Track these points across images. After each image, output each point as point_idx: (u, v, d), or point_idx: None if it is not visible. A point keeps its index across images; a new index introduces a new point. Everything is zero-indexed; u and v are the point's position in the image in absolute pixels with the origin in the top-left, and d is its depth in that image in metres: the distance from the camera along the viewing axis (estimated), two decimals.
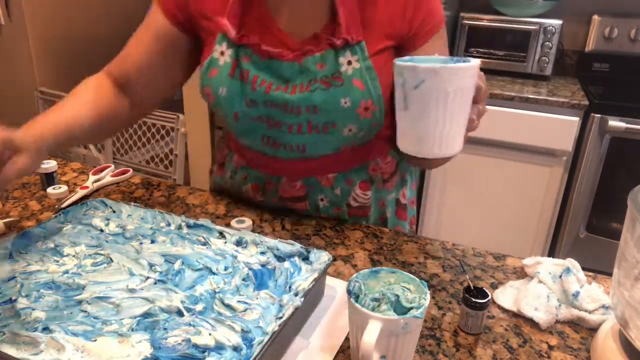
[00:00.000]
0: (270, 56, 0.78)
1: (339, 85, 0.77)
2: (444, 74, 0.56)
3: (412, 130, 0.61)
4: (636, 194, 0.55)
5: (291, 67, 0.78)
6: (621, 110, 1.85)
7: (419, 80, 0.56)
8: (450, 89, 0.56)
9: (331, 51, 0.77)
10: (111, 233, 0.78)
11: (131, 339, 0.56)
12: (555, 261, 0.77)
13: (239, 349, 0.55)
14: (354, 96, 0.78)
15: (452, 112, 0.58)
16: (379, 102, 0.79)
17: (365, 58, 0.77)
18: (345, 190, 0.91)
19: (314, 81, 0.78)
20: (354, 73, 0.77)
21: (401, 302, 0.59)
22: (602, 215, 2.01)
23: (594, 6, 2.28)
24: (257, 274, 0.68)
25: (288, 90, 0.79)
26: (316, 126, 0.81)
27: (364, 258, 0.82)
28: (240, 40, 0.79)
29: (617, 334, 0.61)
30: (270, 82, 0.79)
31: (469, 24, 2.19)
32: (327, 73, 0.78)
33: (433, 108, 0.57)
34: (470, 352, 0.63)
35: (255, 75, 0.79)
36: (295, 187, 0.90)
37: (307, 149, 0.84)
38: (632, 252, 0.53)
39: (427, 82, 0.56)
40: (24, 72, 2.61)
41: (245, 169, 0.95)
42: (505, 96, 1.93)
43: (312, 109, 0.79)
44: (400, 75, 0.58)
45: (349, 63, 0.77)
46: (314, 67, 0.78)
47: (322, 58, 0.77)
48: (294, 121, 0.81)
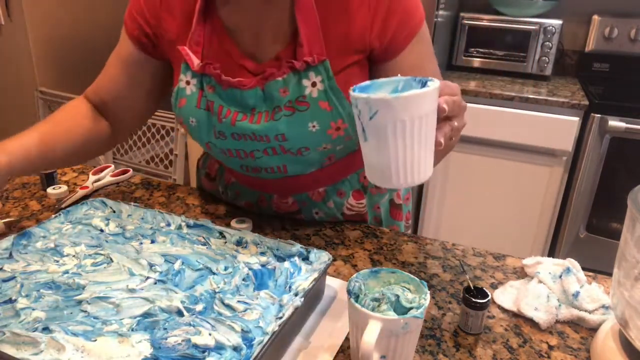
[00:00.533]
0: (231, 86, 0.75)
1: (304, 109, 0.73)
2: (396, 104, 0.52)
3: (375, 162, 0.57)
4: (636, 194, 0.55)
5: (254, 94, 0.74)
6: (621, 110, 1.85)
7: (372, 112, 0.53)
8: (406, 117, 0.52)
9: (293, 75, 0.72)
10: (111, 233, 0.78)
11: (131, 339, 0.56)
12: (555, 261, 0.77)
13: (239, 349, 0.55)
14: (321, 119, 0.74)
15: (412, 140, 0.54)
16: (349, 120, 0.75)
17: (330, 78, 0.72)
18: (338, 202, 0.90)
19: (278, 109, 0.74)
20: (319, 95, 0.73)
21: (401, 302, 0.59)
22: (602, 215, 2.01)
23: (594, 6, 2.28)
24: (257, 274, 0.68)
25: (253, 120, 0.75)
26: (289, 150, 0.78)
27: (364, 258, 0.82)
28: (202, 69, 0.75)
29: (617, 334, 0.61)
30: (235, 112, 0.76)
31: (469, 24, 2.19)
32: (291, 98, 0.73)
33: (391, 139, 0.54)
34: (470, 352, 0.63)
35: (220, 106, 0.76)
36: (287, 203, 0.90)
37: (288, 168, 0.82)
38: (632, 252, 0.53)
39: (380, 113, 0.52)
40: (24, 72, 2.61)
41: (237, 186, 0.94)
42: (505, 96, 1.93)
43: (280, 137, 0.75)
44: (355, 107, 0.55)
45: (313, 85, 0.73)
46: (277, 94, 0.73)
47: (285, 82, 0.73)
48: (265, 146, 0.78)
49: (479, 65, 2.23)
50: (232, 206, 0.96)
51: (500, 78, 2.19)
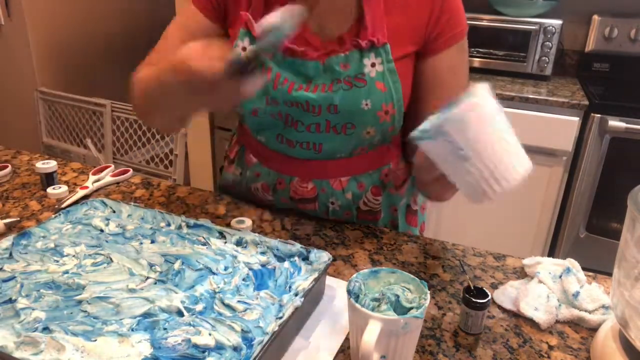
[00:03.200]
0: (294, 54, 0.78)
1: (362, 86, 0.77)
2: (481, 102, 0.55)
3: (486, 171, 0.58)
4: (636, 194, 0.55)
5: (314, 66, 0.78)
6: (621, 110, 1.85)
7: (465, 122, 0.56)
8: (494, 109, 0.56)
9: (356, 52, 0.77)
10: (111, 233, 0.78)
11: (131, 339, 0.56)
12: (555, 261, 0.77)
13: (239, 349, 0.55)
14: (375, 98, 0.77)
15: (508, 130, 0.58)
16: (398, 105, 0.79)
17: (389, 61, 0.77)
18: (357, 194, 0.90)
19: (337, 81, 0.78)
20: (377, 76, 0.77)
21: (401, 302, 0.59)
22: (602, 215, 2.01)
23: (594, 6, 2.28)
24: (257, 274, 0.69)
25: (310, 89, 0.78)
26: (335, 126, 0.81)
27: (364, 258, 0.82)
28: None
29: (617, 334, 0.61)
30: (292, 81, 0.79)
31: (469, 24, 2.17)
32: (351, 74, 0.77)
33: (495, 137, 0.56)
34: (470, 352, 0.63)
35: (278, 73, 0.78)
36: (306, 188, 0.90)
37: (323, 148, 0.84)
38: (632, 252, 0.53)
39: (473, 115, 0.55)
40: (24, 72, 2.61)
41: (258, 167, 0.94)
42: (505, 96, 1.93)
43: (332, 108, 0.78)
44: (442, 135, 0.57)
45: (372, 65, 0.77)
46: (338, 67, 0.77)
47: (347, 59, 0.77)
48: (312, 120, 0.80)
49: (479, 65, 2.23)
50: (232, 206, 0.96)
51: (500, 78, 2.18)
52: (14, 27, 2.55)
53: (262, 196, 0.95)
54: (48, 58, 2.64)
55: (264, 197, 0.95)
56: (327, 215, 0.93)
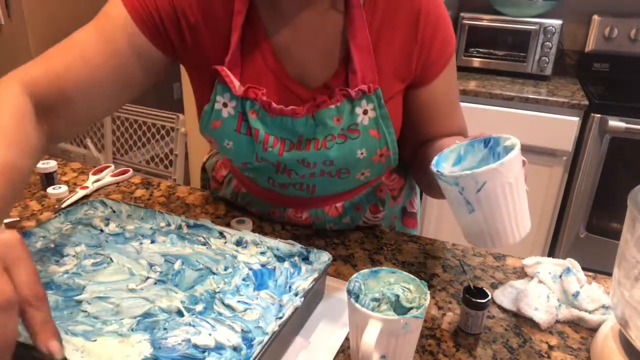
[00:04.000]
0: (281, 113, 0.71)
1: (356, 137, 0.72)
2: (503, 170, 0.55)
3: (483, 229, 0.59)
4: (636, 194, 0.55)
5: (305, 122, 0.72)
6: (621, 110, 1.85)
7: (480, 184, 0.56)
8: (512, 178, 0.56)
9: (347, 102, 0.71)
10: (111, 233, 0.78)
11: (131, 339, 0.56)
12: (555, 261, 0.77)
13: (239, 349, 0.55)
14: (369, 146, 0.73)
15: (519, 196, 0.57)
16: (393, 147, 0.75)
17: (381, 106, 0.72)
18: (355, 217, 0.88)
19: (332, 137, 0.72)
20: (370, 123, 0.72)
21: (401, 302, 0.59)
22: (602, 215, 2.01)
23: (594, 6, 2.28)
24: (257, 274, 0.68)
25: (302, 148, 0.73)
26: (329, 172, 0.77)
27: (364, 258, 0.82)
28: (245, 93, 0.71)
29: (617, 334, 0.61)
30: (282, 140, 0.73)
31: (469, 24, 2.19)
32: (344, 126, 0.72)
33: (502, 202, 0.56)
34: (470, 352, 0.63)
35: (266, 134, 0.72)
36: (301, 217, 0.88)
37: (316, 189, 0.82)
38: (632, 252, 0.53)
39: (489, 182, 0.55)
40: None
41: (248, 196, 0.91)
42: (505, 96, 1.93)
43: (328, 162, 0.74)
44: (456, 185, 0.57)
45: (364, 112, 0.72)
46: (331, 122, 0.71)
47: (338, 110, 0.71)
48: (307, 171, 0.77)
49: (479, 65, 2.23)
50: (232, 206, 0.96)
51: (500, 78, 2.18)
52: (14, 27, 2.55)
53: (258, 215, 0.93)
54: None
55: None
56: None
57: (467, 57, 2.23)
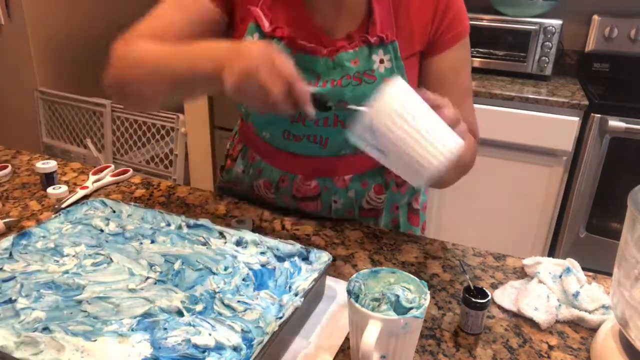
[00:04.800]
0: (303, 50, 0.78)
1: (371, 82, 0.78)
2: (380, 105, 0.56)
3: (406, 164, 0.60)
4: (636, 194, 0.55)
5: (324, 62, 0.78)
6: (621, 110, 1.85)
7: (372, 126, 0.57)
8: (396, 106, 0.57)
9: (365, 48, 0.77)
10: (111, 233, 0.78)
11: (131, 339, 0.56)
12: (555, 261, 0.77)
13: (239, 349, 0.55)
14: None
15: (417, 123, 0.57)
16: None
17: (397, 58, 0.78)
18: (360, 192, 0.90)
19: (347, 77, 0.78)
20: (385, 72, 0.78)
21: (401, 302, 0.59)
22: (602, 215, 2.01)
23: (594, 6, 2.27)
24: (257, 274, 0.68)
25: (319, 84, 0.78)
26: (342, 120, 0.81)
27: (364, 258, 0.82)
28: (273, 32, 0.77)
29: (617, 334, 0.61)
30: (302, 77, 0.78)
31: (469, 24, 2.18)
32: (360, 69, 0.78)
33: (401, 134, 0.57)
34: (470, 352, 0.63)
35: None
36: (309, 186, 0.90)
37: (329, 143, 0.84)
38: (632, 252, 0.53)
39: (376, 122, 0.57)
40: (24, 72, 2.61)
41: (261, 164, 0.93)
42: (505, 96, 1.93)
43: (342, 103, 0.78)
44: (362, 140, 0.59)
45: (381, 62, 0.78)
46: (348, 64, 0.77)
47: (356, 54, 0.77)
48: (321, 115, 0.78)
49: (479, 65, 2.23)
50: (232, 206, 0.96)
51: (500, 78, 2.18)
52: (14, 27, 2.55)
53: (264, 194, 0.95)
54: (48, 58, 2.64)
55: (265, 195, 0.95)
56: (329, 214, 0.92)
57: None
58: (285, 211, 0.94)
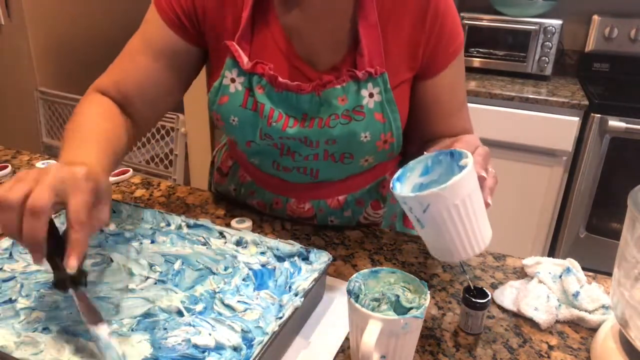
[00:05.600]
0: (287, 89, 0.73)
1: (360, 119, 0.74)
2: (446, 194, 0.54)
3: (438, 245, 0.60)
4: (636, 194, 0.55)
5: (310, 99, 0.74)
6: (621, 110, 1.85)
7: (424, 206, 0.56)
8: (458, 201, 0.55)
9: (353, 84, 0.73)
10: (111, 233, 0.78)
11: (131, 339, 0.56)
12: (555, 261, 0.77)
13: (239, 349, 0.55)
14: (374, 130, 0.74)
15: (469, 217, 0.57)
16: (397, 134, 0.77)
17: (387, 90, 0.73)
18: (357, 211, 0.89)
19: (335, 116, 0.74)
20: (375, 107, 0.74)
21: (401, 302, 0.59)
22: (602, 215, 2.01)
23: (594, 6, 2.28)
24: (257, 274, 0.68)
25: (305, 125, 0.75)
26: (332, 155, 0.78)
27: (364, 258, 0.82)
28: (253, 68, 0.73)
29: (617, 334, 0.61)
30: (286, 116, 0.75)
31: (469, 24, 2.19)
32: (349, 107, 0.73)
33: (449, 223, 0.56)
34: (470, 352, 0.63)
35: (271, 109, 0.74)
36: (303, 208, 0.88)
37: (320, 174, 0.82)
38: (632, 252, 0.54)
39: (433, 205, 0.55)
40: (24, 72, 2.61)
41: (252, 185, 0.92)
42: (505, 96, 1.93)
43: (330, 141, 0.76)
44: (404, 204, 0.58)
45: (370, 96, 0.73)
46: (335, 101, 0.73)
47: (344, 91, 0.73)
48: (310, 152, 0.78)
49: (479, 65, 2.23)
50: (232, 206, 0.96)
51: (500, 78, 2.18)
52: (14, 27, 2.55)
53: (259, 210, 0.94)
54: (48, 58, 2.64)
55: (261, 211, 0.94)
56: None
57: (467, 57, 2.23)
58: None
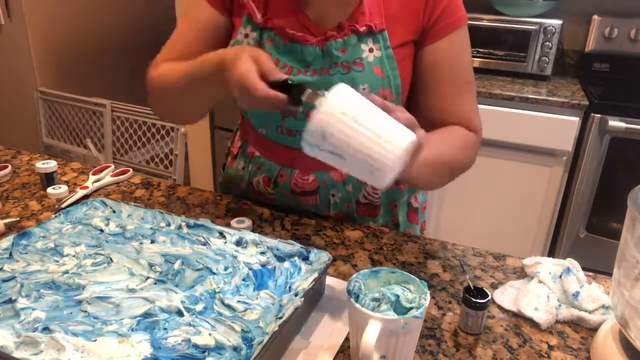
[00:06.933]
0: (293, 40, 0.80)
1: (359, 70, 0.79)
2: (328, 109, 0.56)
3: (363, 167, 0.59)
4: (636, 194, 0.55)
5: (313, 51, 0.80)
6: (621, 110, 1.85)
7: (324, 134, 0.57)
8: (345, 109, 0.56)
9: (354, 37, 0.79)
10: (111, 233, 0.78)
11: (131, 339, 0.56)
12: (555, 261, 0.77)
13: (239, 349, 0.55)
14: (372, 83, 0.79)
15: (368, 126, 0.56)
16: (397, 92, 0.81)
17: (387, 47, 0.79)
18: (357, 187, 0.91)
19: (335, 65, 0.79)
20: (374, 61, 0.79)
21: (401, 302, 0.59)
22: (602, 215, 2.01)
23: (594, 6, 2.27)
24: (257, 274, 0.69)
25: (308, 74, 0.80)
26: None
27: (364, 258, 0.82)
28: (265, 23, 0.80)
29: (617, 334, 0.61)
30: (290, 66, 0.81)
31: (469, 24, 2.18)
32: (348, 58, 0.79)
33: (351, 134, 0.56)
34: (470, 352, 0.63)
35: (277, 59, 0.81)
36: (307, 180, 0.90)
37: None
38: (632, 252, 0.54)
39: (324, 123, 0.56)
40: (24, 72, 2.61)
41: (260, 159, 0.94)
42: (505, 96, 1.93)
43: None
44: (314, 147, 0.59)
45: (370, 50, 0.79)
46: (336, 52, 0.79)
47: (345, 43, 0.79)
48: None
49: (479, 65, 2.23)
50: (232, 206, 0.96)
51: (500, 78, 2.18)
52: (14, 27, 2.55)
53: (264, 190, 0.95)
54: (48, 58, 2.64)
55: (265, 191, 0.95)
56: (328, 209, 0.93)
57: None
58: (285, 211, 0.94)
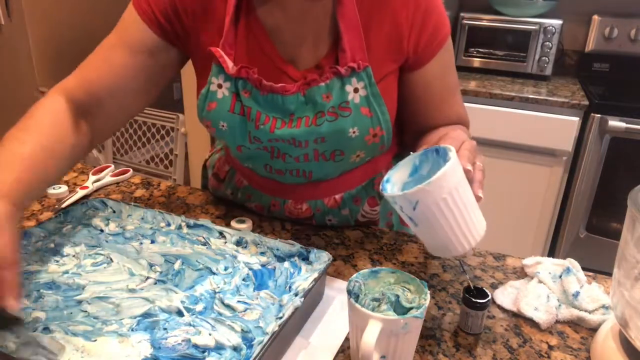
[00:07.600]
0: (272, 91, 0.73)
1: (347, 115, 0.73)
2: (432, 188, 0.54)
3: (434, 241, 0.60)
4: (636, 194, 0.55)
5: (295, 99, 0.73)
6: (621, 110, 1.85)
7: (413, 203, 0.56)
8: (445, 194, 0.55)
9: (337, 80, 0.72)
10: (111, 233, 0.78)
11: (131, 339, 0.56)
12: (555, 261, 0.77)
13: (239, 349, 0.55)
14: (362, 125, 0.74)
15: (459, 209, 0.57)
16: (386, 127, 0.76)
17: (372, 84, 0.73)
18: (354, 209, 0.89)
19: (321, 114, 0.73)
20: (361, 101, 0.73)
21: (401, 302, 0.59)
22: (602, 215, 2.01)
23: (594, 6, 2.28)
24: (257, 274, 0.69)
25: (293, 125, 0.75)
26: (323, 154, 0.78)
27: (364, 258, 0.82)
28: (238, 73, 0.73)
29: (617, 334, 0.61)
30: (274, 118, 0.75)
31: (469, 24, 2.19)
32: (334, 104, 0.73)
33: (440, 218, 0.56)
34: (470, 352, 0.63)
35: (258, 112, 0.74)
36: (301, 209, 0.88)
37: (313, 174, 0.82)
38: (632, 252, 0.54)
39: (421, 202, 0.55)
40: (24, 72, 2.61)
41: (249, 189, 0.92)
42: (505, 96, 1.93)
43: (319, 140, 0.75)
44: (395, 203, 0.58)
45: (355, 91, 0.73)
46: (320, 99, 0.73)
47: (328, 88, 0.72)
48: (300, 152, 0.78)
49: (479, 65, 2.23)
50: (232, 206, 0.96)
51: (500, 78, 2.18)
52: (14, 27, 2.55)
53: (258, 212, 0.93)
54: (48, 58, 2.64)
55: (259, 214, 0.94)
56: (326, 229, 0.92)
57: (467, 57, 2.23)
58: None
